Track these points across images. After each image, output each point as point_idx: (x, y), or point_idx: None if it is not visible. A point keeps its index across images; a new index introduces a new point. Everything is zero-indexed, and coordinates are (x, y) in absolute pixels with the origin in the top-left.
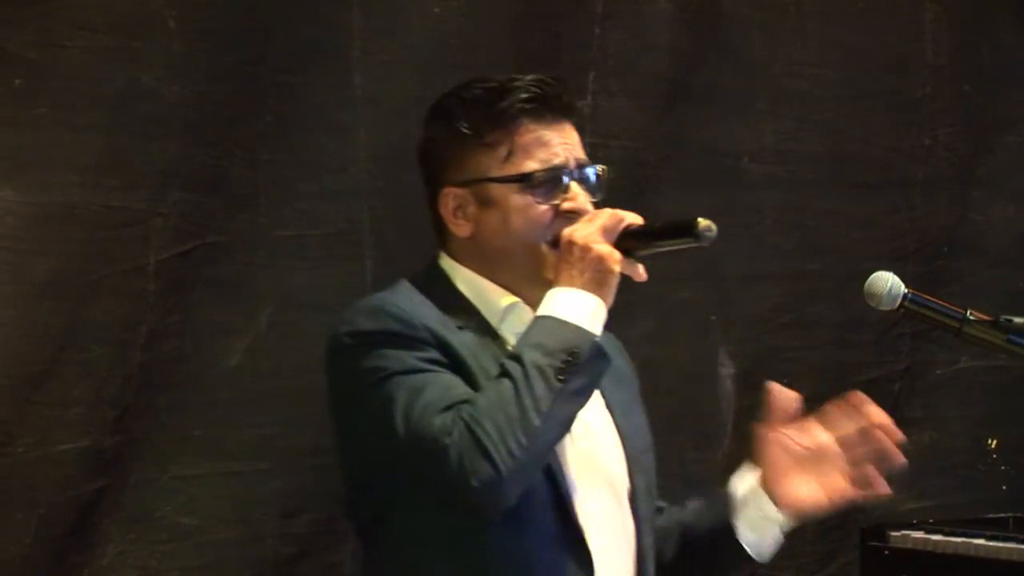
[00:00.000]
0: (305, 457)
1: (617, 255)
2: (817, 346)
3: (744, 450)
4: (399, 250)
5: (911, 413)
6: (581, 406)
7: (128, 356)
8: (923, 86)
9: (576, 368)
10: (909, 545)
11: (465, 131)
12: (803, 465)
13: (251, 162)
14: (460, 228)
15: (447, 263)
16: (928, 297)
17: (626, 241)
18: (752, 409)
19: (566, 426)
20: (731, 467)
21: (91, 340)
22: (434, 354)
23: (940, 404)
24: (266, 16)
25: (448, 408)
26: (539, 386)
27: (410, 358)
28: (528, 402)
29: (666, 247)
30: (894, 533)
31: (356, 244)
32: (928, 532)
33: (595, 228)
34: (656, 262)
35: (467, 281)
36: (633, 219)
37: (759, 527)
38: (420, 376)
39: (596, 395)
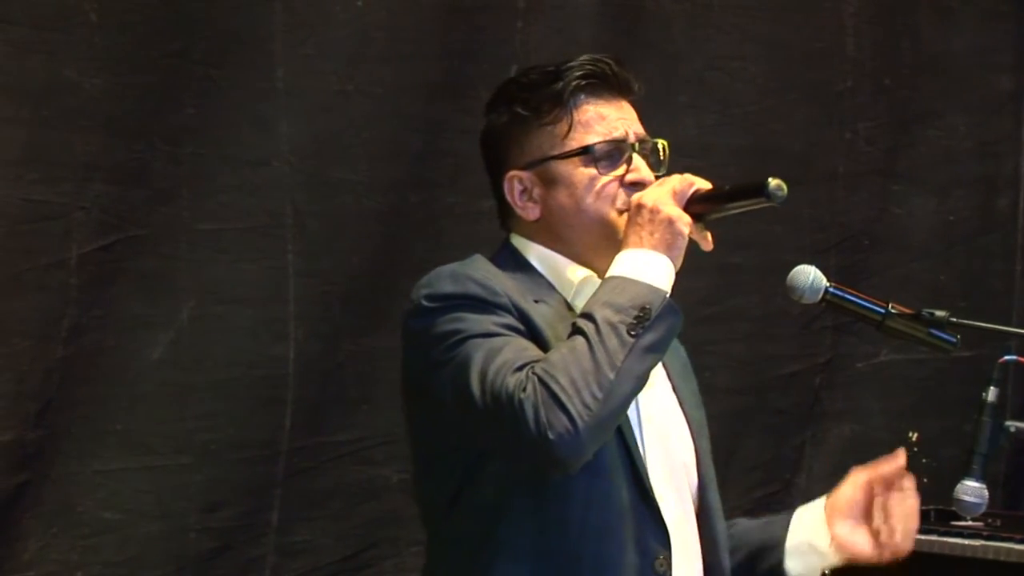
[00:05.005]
0: (227, 451)
1: (687, 218)
2: (739, 339)
3: None
4: (321, 244)
5: (832, 406)
6: (655, 362)
7: (50, 350)
8: (844, 80)
9: (649, 323)
10: None
11: (524, 113)
12: (861, 514)
13: (173, 155)
14: (529, 211)
15: (518, 241)
16: (850, 290)
17: (695, 205)
18: None
19: (640, 381)
20: None
21: (12, 334)
22: (512, 320)
23: (861, 397)
24: (188, 9)
25: (522, 367)
26: (612, 341)
27: (488, 322)
28: (601, 356)
29: (737, 209)
30: None
31: (278, 238)
32: None
33: (665, 190)
34: None
35: (540, 256)
36: (702, 184)
37: (804, 555)
38: (497, 339)
39: (667, 385)
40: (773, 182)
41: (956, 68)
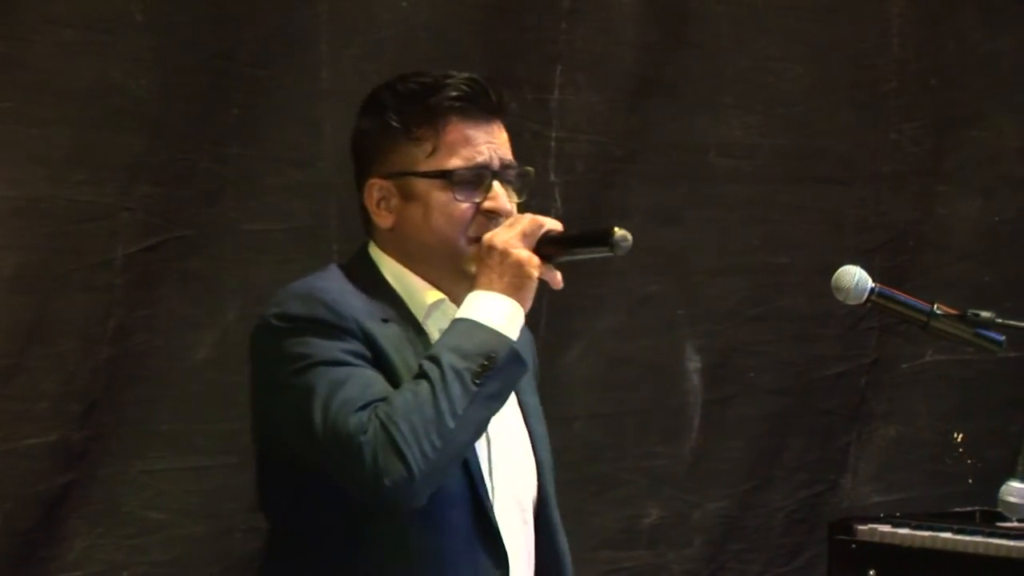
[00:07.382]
0: None
1: (536, 260)
2: (784, 340)
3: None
4: None
5: (877, 407)
6: (496, 410)
7: (96, 350)
8: (889, 80)
9: (493, 372)
10: (876, 539)
11: (394, 124)
12: None
13: (219, 156)
14: (383, 219)
15: (375, 252)
16: (895, 291)
17: (545, 247)
18: (719, 403)
19: (480, 429)
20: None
21: (59, 334)
22: (359, 347)
23: (906, 398)
24: (234, 10)
25: (365, 406)
26: (455, 389)
27: (335, 349)
28: (444, 404)
29: (583, 255)
30: (861, 527)
31: (323, 238)
32: (895, 526)
33: (515, 233)
34: (624, 256)
35: (393, 272)
36: (553, 225)
37: None
38: (343, 369)
39: (513, 400)
40: (618, 232)
41: (1002, 68)
